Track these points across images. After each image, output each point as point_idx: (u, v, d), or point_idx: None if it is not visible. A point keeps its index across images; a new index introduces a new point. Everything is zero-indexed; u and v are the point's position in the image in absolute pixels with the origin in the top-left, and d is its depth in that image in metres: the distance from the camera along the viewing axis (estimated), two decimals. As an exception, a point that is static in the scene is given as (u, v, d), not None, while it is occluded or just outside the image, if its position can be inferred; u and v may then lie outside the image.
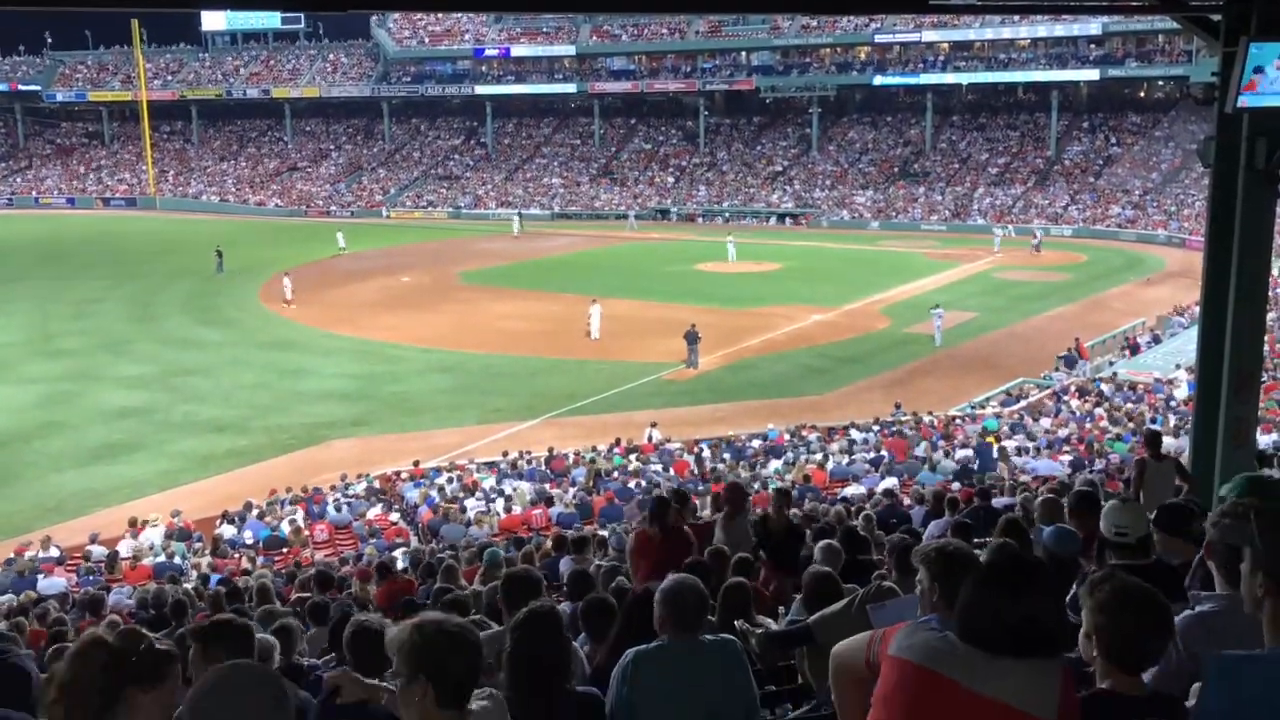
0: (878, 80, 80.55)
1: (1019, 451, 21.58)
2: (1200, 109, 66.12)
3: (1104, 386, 29.67)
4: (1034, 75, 76.58)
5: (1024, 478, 18.33)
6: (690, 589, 4.59)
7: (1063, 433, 24.09)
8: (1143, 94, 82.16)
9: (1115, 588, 3.14)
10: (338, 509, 20.68)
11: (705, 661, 4.45)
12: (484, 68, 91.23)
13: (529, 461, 23.92)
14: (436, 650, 3.09)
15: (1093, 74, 74.50)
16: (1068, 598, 5.28)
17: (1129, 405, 26.74)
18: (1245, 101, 9.46)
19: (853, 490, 18.96)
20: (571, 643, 4.44)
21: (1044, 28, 73.99)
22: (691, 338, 33.99)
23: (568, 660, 4.31)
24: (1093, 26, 72.11)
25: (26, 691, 5.15)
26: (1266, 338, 17.19)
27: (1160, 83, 78.49)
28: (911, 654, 2.96)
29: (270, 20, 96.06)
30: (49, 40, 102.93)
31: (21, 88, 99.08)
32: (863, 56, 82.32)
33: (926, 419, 26.28)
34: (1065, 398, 28.83)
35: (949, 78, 78.74)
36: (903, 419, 26.67)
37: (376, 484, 23.14)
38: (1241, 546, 3.27)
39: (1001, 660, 2.87)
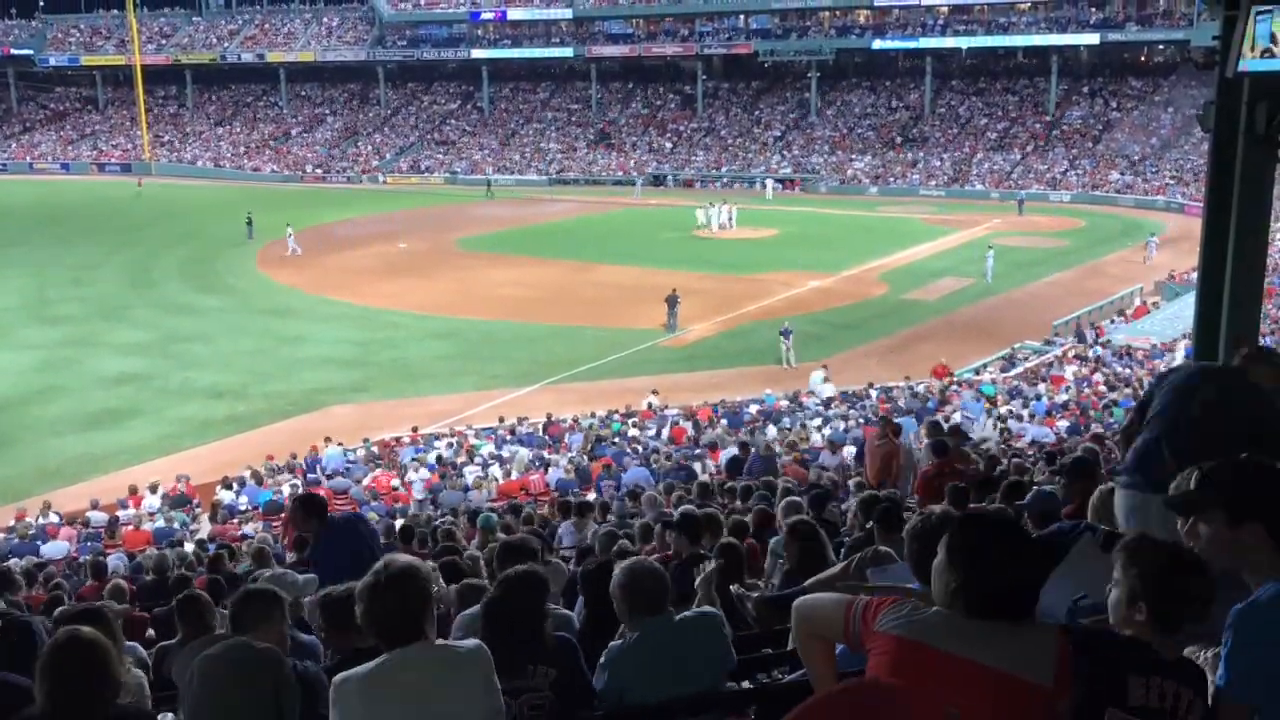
0: (877, 44, 80.00)
1: (1013, 416, 21.62)
2: (1201, 73, 65.66)
3: (1101, 351, 29.75)
4: (1034, 39, 76.02)
5: (1019, 443, 18.40)
6: (645, 574, 4.57)
7: (1060, 398, 24.14)
8: (1143, 58, 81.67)
9: (1163, 550, 3.16)
10: (337, 473, 20.71)
11: (680, 642, 4.45)
12: (480, 31, 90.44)
13: (527, 427, 23.97)
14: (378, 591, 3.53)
15: (1093, 38, 74.00)
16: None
17: (1127, 370, 26.81)
18: (1246, 66, 9.41)
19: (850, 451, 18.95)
20: (547, 604, 4.50)
21: (1044, -9, 73.57)
22: (671, 301, 34.49)
23: (540, 618, 4.39)
24: (1094, -10, 71.73)
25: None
26: (1265, 304, 17.18)
27: (1160, 47, 78.03)
28: (899, 629, 2.94)
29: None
30: (41, 3, 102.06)
31: (14, 52, 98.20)
32: (862, 20, 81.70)
33: (921, 386, 26.30)
34: (1063, 364, 28.88)
35: (948, 41, 78.18)
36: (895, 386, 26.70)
37: (375, 449, 23.19)
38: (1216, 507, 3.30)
39: (991, 626, 2.86)
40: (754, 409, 24.84)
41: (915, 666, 2.89)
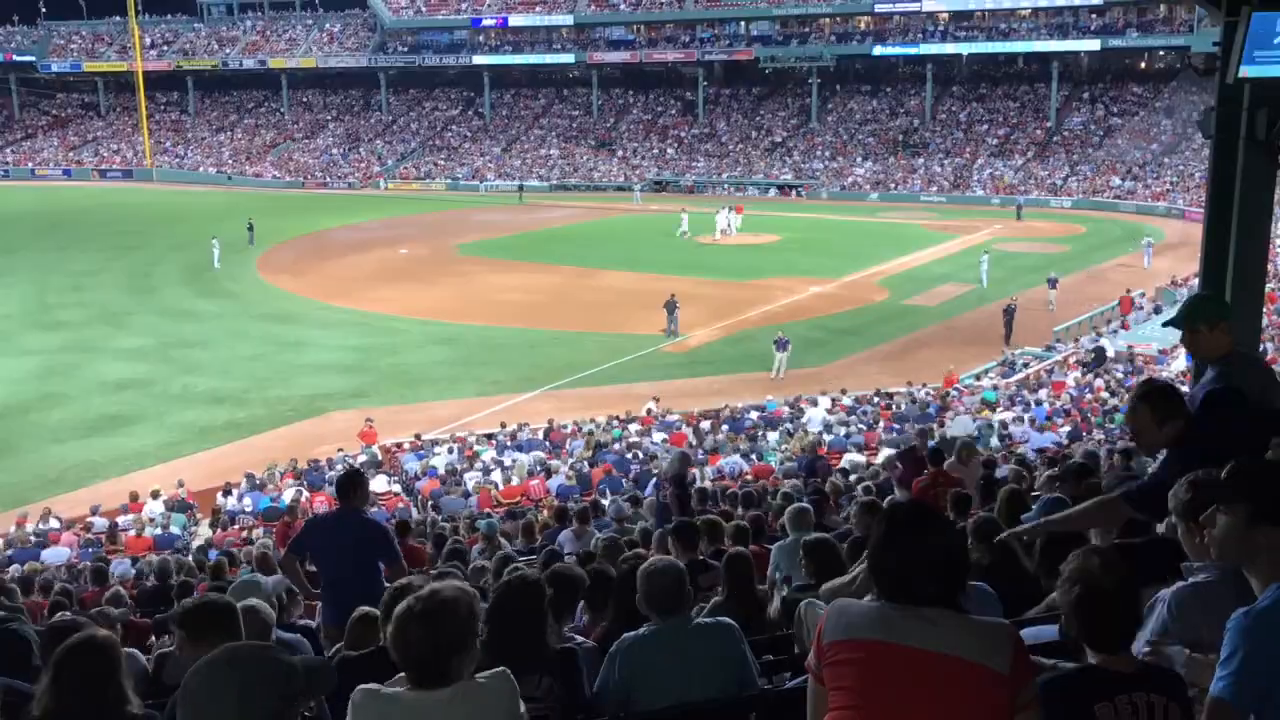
0: (877, 50, 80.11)
1: (1016, 422, 21.62)
2: (1201, 79, 65.86)
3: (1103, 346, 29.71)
4: (1034, 45, 76.13)
5: (1020, 449, 18.38)
6: (665, 571, 4.61)
7: (1061, 404, 24.13)
8: (1143, 64, 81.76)
9: (1078, 570, 3.18)
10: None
11: (695, 644, 4.47)
12: (481, 37, 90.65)
13: (528, 433, 23.94)
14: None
15: (1093, 44, 74.07)
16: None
17: (1127, 376, 26.77)
18: (1246, 72, 9.41)
19: (853, 459, 18.97)
20: (547, 611, 4.51)
21: (1045, -3, 73.67)
22: (670, 306, 34.35)
23: (541, 625, 4.42)
24: (1094, -4, 71.81)
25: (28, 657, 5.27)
26: (1265, 310, 17.18)
27: (1161, 53, 78.08)
28: (839, 632, 3.01)
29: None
30: (43, 10, 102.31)
31: (16, 58, 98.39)
32: (863, 26, 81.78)
33: (922, 392, 26.26)
34: (1064, 369, 28.87)
35: (949, 48, 78.33)
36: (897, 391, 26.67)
37: (377, 455, 23.15)
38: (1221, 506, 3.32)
39: (925, 612, 2.92)
40: (755, 415, 24.81)
41: (864, 662, 2.94)
